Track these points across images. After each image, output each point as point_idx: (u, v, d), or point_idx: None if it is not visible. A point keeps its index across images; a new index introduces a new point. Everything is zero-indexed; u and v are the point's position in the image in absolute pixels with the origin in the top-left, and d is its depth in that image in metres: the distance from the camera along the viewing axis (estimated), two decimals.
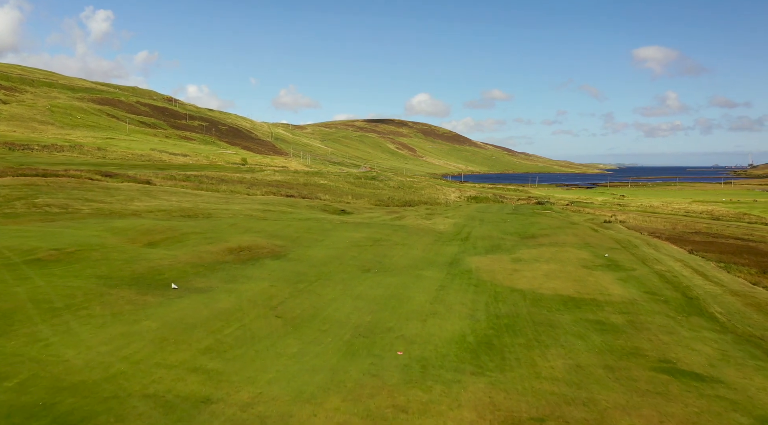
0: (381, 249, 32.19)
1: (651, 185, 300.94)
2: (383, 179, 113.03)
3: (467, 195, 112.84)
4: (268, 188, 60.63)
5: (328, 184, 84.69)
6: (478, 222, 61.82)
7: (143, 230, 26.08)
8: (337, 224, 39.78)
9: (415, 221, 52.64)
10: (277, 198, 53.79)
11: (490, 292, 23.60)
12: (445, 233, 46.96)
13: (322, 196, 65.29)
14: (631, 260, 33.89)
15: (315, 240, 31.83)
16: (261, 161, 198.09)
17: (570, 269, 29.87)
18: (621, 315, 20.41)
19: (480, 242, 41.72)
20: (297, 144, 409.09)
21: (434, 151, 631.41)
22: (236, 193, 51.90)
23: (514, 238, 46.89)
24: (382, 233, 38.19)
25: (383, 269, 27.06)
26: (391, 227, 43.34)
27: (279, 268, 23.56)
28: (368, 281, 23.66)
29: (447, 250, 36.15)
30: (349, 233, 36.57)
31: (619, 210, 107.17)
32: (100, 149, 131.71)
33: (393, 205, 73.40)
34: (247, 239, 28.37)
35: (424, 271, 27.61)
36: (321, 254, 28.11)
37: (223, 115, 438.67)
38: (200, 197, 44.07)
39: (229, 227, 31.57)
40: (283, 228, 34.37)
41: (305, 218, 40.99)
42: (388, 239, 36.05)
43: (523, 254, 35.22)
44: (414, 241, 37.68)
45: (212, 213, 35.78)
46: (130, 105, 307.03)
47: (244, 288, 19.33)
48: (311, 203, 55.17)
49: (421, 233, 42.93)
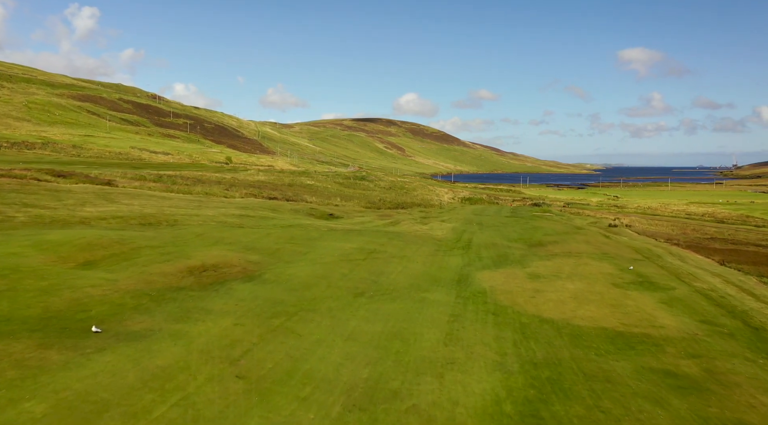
0: (376, 264, 27.38)
1: (641, 185, 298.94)
2: (373, 180, 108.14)
3: (461, 196, 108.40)
4: (249, 190, 55.53)
5: (315, 185, 79.64)
6: (477, 227, 57.27)
7: (83, 244, 21.02)
8: (324, 232, 34.90)
9: (411, 226, 47.89)
10: (258, 201, 48.71)
11: (514, 324, 18.90)
12: (444, 240, 42.32)
13: (309, 198, 60.31)
14: (663, 276, 29.41)
15: (298, 253, 26.93)
16: (246, 160, 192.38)
17: (600, 288, 25.28)
18: (691, 361, 15.79)
19: (485, 252, 37.11)
20: (284, 143, 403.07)
21: (423, 150, 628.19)
22: (212, 195, 46.74)
23: (521, 246, 42.37)
24: (376, 243, 33.39)
25: (380, 291, 22.26)
26: (385, 234, 38.54)
27: (250, 295, 18.64)
28: (363, 311, 18.85)
29: (450, 262, 31.47)
30: (339, 243, 31.72)
31: (619, 212, 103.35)
32: (75, 147, 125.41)
33: (385, 207, 68.64)
34: (215, 255, 23.41)
35: (429, 293, 22.86)
36: (305, 272, 23.23)
37: (209, 113, 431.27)
38: (168, 200, 38.96)
39: (195, 238, 26.57)
40: (262, 238, 29.43)
41: (288, 225, 36.05)
42: (383, 251, 31.25)
43: (539, 268, 30.62)
44: (412, 252, 32.94)
45: (179, 220, 30.75)
46: (113, 102, 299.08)
47: (198, 330, 14.42)
48: (296, 206, 50.19)
49: (418, 241, 38.20)
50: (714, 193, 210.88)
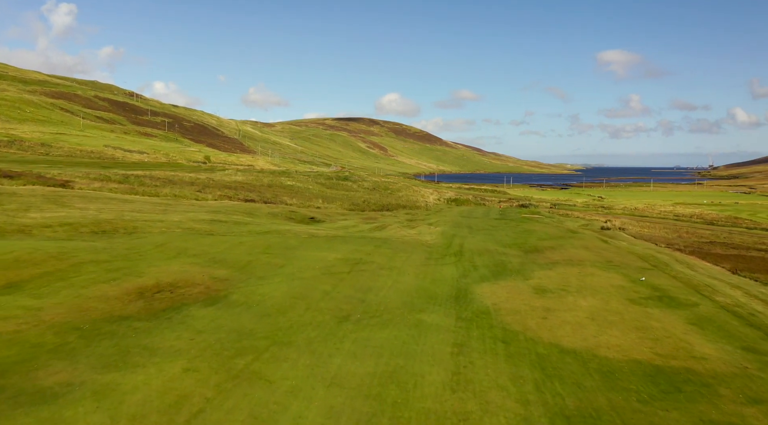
0: (363, 278, 24.12)
1: (624, 185, 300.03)
2: (356, 180, 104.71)
3: (446, 197, 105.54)
4: (224, 191, 51.79)
5: (296, 185, 75.90)
6: (467, 230, 54.33)
7: (8, 260, 17.41)
8: (304, 240, 31.53)
9: (398, 231, 44.71)
10: (233, 204, 45.05)
11: (530, 356, 15.81)
12: (434, 246, 39.24)
13: (289, 200, 56.75)
14: (679, 289, 26.63)
15: (274, 266, 23.55)
16: (226, 159, 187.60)
17: (617, 306, 22.36)
18: (757, 409, 12.84)
19: (479, 260, 34.12)
20: (266, 142, 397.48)
21: (405, 150, 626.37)
22: (182, 198, 42.90)
23: (517, 252, 39.47)
24: (362, 252, 30.14)
25: (369, 312, 19.02)
26: (371, 241, 35.30)
27: (211, 324, 15.25)
28: (349, 342, 15.59)
29: (444, 273, 28.36)
30: (321, 252, 28.40)
31: (607, 213, 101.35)
32: (44, 145, 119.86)
33: (369, 209, 65.39)
34: (175, 270, 19.94)
35: (425, 314, 19.69)
36: (280, 290, 19.88)
37: (189, 111, 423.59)
38: (131, 203, 35.19)
39: (153, 250, 23.03)
40: (233, 248, 25.97)
41: (264, 232, 32.59)
42: (370, 261, 28.00)
43: (543, 280, 27.65)
44: (402, 261, 29.75)
45: (139, 227, 27.13)
46: (88, 99, 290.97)
47: (135, 382, 11.01)
48: (274, 209, 46.65)
49: (407, 248, 35.03)
50: (696, 193, 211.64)
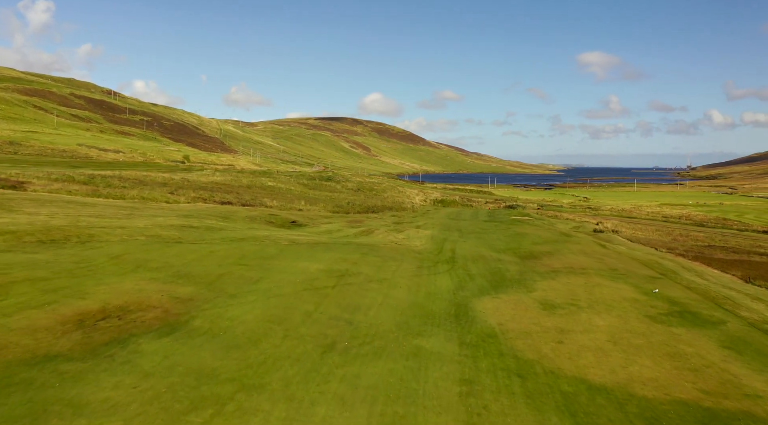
0: (350, 293, 21.28)
1: (607, 186, 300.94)
2: (340, 180, 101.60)
3: (432, 198, 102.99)
4: (199, 193, 48.39)
5: (278, 186, 72.55)
6: (457, 234, 51.77)
7: None
8: (284, 247, 28.58)
9: (385, 235, 41.93)
10: (208, 207, 41.77)
11: (554, 396, 13.13)
12: (424, 252, 36.56)
13: (269, 202, 53.55)
14: (698, 302, 24.24)
15: (248, 281, 20.59)
16: (206, 158, 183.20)
17: (637, 324, 19.82)
18: None
19: (474, 268, 31.52)
20: (247, 142, 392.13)
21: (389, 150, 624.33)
22: (150, 200, 39.46)
23: (513, 258, 36.97)
24: (348, 261, 27.29)
25: (358, 338, 16.20)
26: (357, 248, 32.46)
27: (163, 364, 12.27)
28: (335, 382, 12.76)
29: (439, 285, 25.67)
30: (302, 262, 25.48)
31: (595, 215, 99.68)
32: (13, 144, 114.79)
33: (354, 212, 62.50)
34: (128, 289, 16.90)
35: (423, 338, 16.93)
36: (254, 312, 16.94)
37: (169, 110, 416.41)
38: (91, 207, 31.83)
39: (107, 263, 19.91)
40: (202, 259, 22.93)
41: (240, 238, 29.55)
42: (357, 272, 25.16)
43: (548, 292, 25.07)
44: (392, 271, 26.95)
45: (95, 235, 23.94)
46: (63, 97, 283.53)
47: None
48: (253, 212, 43.49)
49: (397, 255, 32.26)
50: (680, 194, 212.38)
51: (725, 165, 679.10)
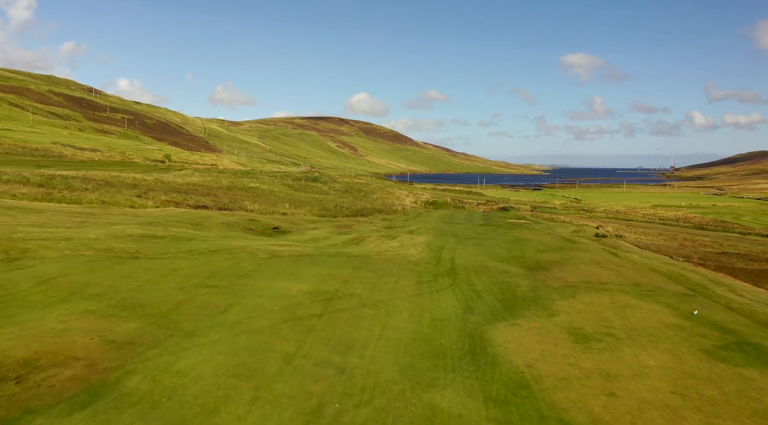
0: (340, 324, 17.28)
1: (595, 186, 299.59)
2: (327, 181, 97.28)
3: (423, 200, 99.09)
4: (171, 196, 43.90)
5: (260, 188, 68.03)
6: (453, 239, 47.98)
7: None
8: (262, 261, 24.49)
9: (378, 244, 37.95)
10: (180, 211, 37.38)
11: None
12: (422, 263, 32.73)
13: (250, 205, 49.26)
14: (750, 328, 20.57)
15: (212, 311, 16.48)
16: (188, 158, 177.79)
17: (696, 365, 16.06)
18: None
19: (479, 282, 27.74)
20: (232, 141, 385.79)
21: (376, 150, 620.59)
22: (112, 205, 34.90)
23: (519, 269, 33.29)
24: (338, 278, 23.29)
25: (352, 398, 12.22)
26: (348, 260, 28.46)
27: None
28: None
29: (444, 307, 21.79)
30: (283, 281, 21.43)
31: (590, 217, 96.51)
32: None
33: (342, 215, 58.42)
34: (46, 330, 12.73)
35: (436, 392, 13.00)
36: (214, 362, 12.85)
37: (152, 108, 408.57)
38: (37, 214, 27.43)
39: (31, 290, 15.69)
40: (159, 280, 18.76)
41: (211, 250, 25.39)
42: (348, 293, 21.17)
43: (571, 315, 21.28)
44: (389, 290, 22.99)
45: (29, 250, 19.66)
46: (41, 94, 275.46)
47: None
48: (231, 217, 39.22)
49: (393, 269, 28.31)
50: (670, 195, 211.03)
51: (709, 166, 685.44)
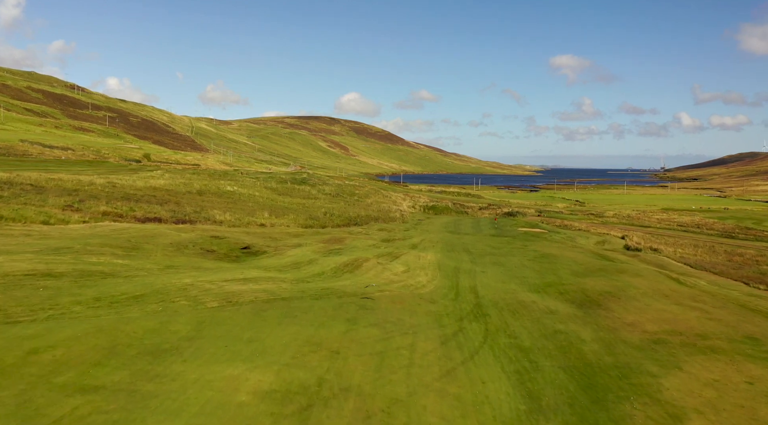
0: None
1: (592, 188, 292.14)
2: (316, 183, 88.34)
3: (421, 204, 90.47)
4: (115, 205, 35.00)
5: (238, 192, 58.97)
6: (467, 257, 39.60)
7: None
8: (207, 318, 15.85)
9: (378, 270, 29.37)
10: (117, 228, 28.51)
11: None
12: (438, 298, 24.44)
13: (220, 215, 40.50)
14: None
15: None
16: (169, 157, 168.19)
17: None
18: None
19: (520, 329, 19.59)
20: (221, 140, 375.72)
21: (367, 150, 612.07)
22: (14, 221, 26.00)
23: (565, 306, 25.10)
24: (323, 351, 14.73)
25: None
26: (339, 306, 19.87)
27: None
28: None
29: (495, 402, 13.37)
30: (230, 366, 12.80)
31: (603, 223, 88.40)
32: None
33: (332, 225, 49.76)
34: None
35: None
36: None
37: (138, 106, 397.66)
38: None
39: None
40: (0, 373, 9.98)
41: (134, 296, 16.72)
42: (339, 387, 12.59)
43: (707, 415, 12.93)
44: (405, 369, 14.46)
45: None
46: (18, 90, 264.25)
47: None
48: (187, 233, 30.45)
49: (404, 316, 19.76)
50: (673, 197, 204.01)
51: (700, 167, 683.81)
